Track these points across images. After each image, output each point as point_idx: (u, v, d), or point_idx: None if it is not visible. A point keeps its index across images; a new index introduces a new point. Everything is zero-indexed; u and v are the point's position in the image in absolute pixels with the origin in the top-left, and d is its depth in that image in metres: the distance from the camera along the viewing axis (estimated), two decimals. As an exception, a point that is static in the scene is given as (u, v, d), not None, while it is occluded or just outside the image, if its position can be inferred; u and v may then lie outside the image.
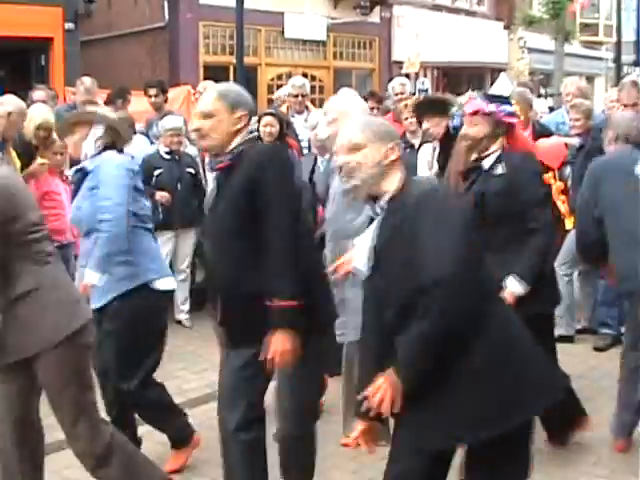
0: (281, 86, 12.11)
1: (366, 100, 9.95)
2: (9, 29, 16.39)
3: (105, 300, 5.39)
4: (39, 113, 7.62)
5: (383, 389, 3.43)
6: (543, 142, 8.28)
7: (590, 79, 31.39)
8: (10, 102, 7.22)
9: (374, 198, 3.72)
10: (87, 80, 9.43)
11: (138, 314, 5.40)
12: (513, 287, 5.13)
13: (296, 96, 10.39)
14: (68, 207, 7.66)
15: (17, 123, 7.15)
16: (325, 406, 6.31)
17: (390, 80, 13.22)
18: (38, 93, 9.44)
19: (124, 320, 5.39)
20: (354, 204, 5.02)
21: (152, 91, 10.50)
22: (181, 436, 5.87)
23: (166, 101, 10.83)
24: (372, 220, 3.77)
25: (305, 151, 9.37)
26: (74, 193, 5.58)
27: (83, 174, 5.45)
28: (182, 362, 5.83)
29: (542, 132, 8.88)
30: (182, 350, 5.66)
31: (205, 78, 20.52)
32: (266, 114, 8.51)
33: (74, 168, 5.66)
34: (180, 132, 8.81)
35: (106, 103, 9.49)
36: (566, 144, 8.76)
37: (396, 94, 11.01)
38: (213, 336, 4.58)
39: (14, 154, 7.29)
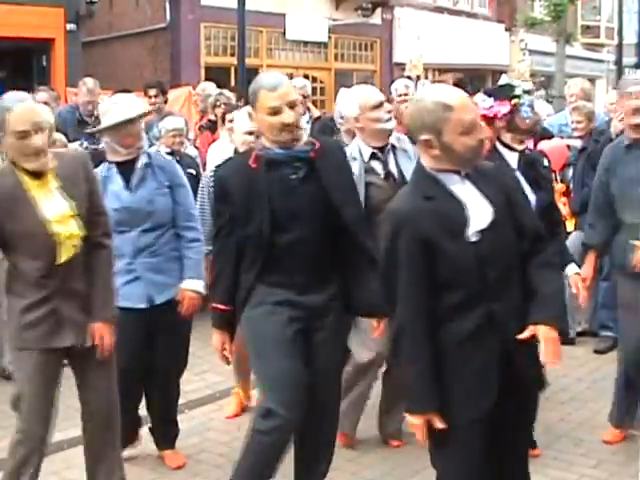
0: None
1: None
2: (11, 30, 16.41)
3: (169, 295, 5.47)
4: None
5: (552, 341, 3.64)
6: (545, 144, 8.27)
7: (591, 81, 31.20)
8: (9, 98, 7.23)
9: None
10: (89, 81, 9.45)
11: None
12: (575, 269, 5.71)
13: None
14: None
15: None
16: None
17: (393, 81, 13.18)
18: (40, 95, 9.43)
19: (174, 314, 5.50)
20: None
21: (152, 92, 10.50)
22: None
23: (166, 102, 10.83)
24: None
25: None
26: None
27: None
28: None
29: (544, 134, 8.88)
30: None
31: (206, 79, 20.51)
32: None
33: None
34: (182, 132, 8.79)
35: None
36: (568, 146, 8.77)
37: (399, 95, 10.98)
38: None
39: None
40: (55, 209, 4.35)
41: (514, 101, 5.43)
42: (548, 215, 5.25)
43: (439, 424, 3.56)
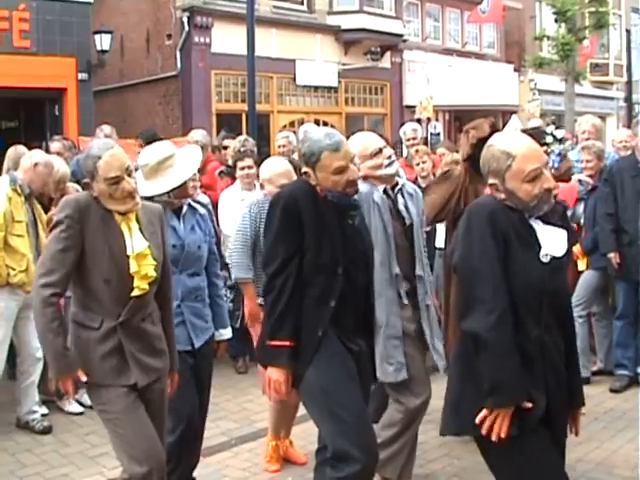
0: (295, 133, 12.09)
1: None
2: (23, 80, 16.57)
3: (204, 339, 5.50)
4: (58, 167, 7.69)
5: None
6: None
7: (602, 119, 31.42)
8: (37, 154, 7.33)
9: None
10: (106, 128, 9.50)
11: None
12: None
13: (307, 143, 10.38)
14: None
15: (43, 175, 7.19)
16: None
17: (402, 125, 13.25)
18: (55, 145, 9.50)
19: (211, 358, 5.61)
20: None
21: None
22: None
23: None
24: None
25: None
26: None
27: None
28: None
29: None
30: (197, 398, 5.70)
31: (218, 125, 20.72)
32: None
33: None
34: (196, 178, 8.80)
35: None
36: (580, 180, 8.74)
37: (408, 139, 11.04)
38: (227, 385, 4.58)
39: (39, 206, 7.35)
40: (137, 245, 4.42)
41: (543, 148, 5.42)
42: None
43: (529, 404, 3.64)
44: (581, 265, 8.52)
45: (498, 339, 3.60)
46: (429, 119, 23.92)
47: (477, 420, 3.65)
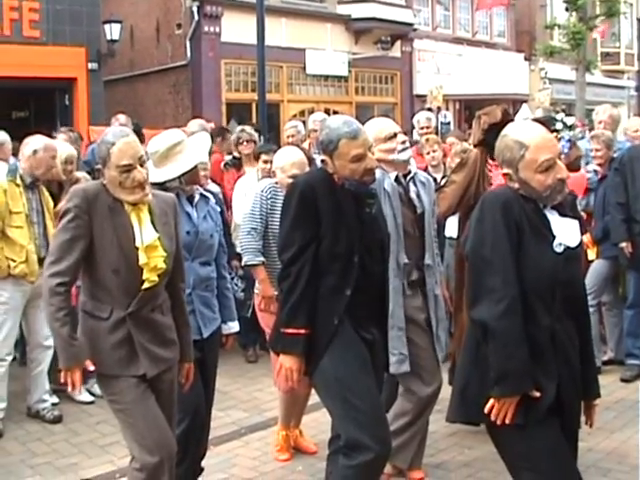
0: (304, 122, 12.09)
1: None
2: (33, 70, 16.60)
3: (212, 329, 5.49)
4: (63, 148, 7.67)
5: None
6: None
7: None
8: (35, 140, 7.23)
9: None
10: (122, 117, 9.47)
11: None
12: None
13: (317, 131, 10.36)
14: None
15: (45, 160, 7.12)
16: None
17: (415, 114, 13.20)
18: (60, 137, 9.43)
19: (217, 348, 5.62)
20: None
21: None
22: None
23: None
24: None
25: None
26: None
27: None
28: (207, 399, 5.91)
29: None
30: (207, 388, 5.70)
31: (227, 115, 20.72)
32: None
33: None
34: (207, 167, 8.80)
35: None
36: (595, 170, 8.70)
37: (421, 128, 10.98)
38: (237, 374, 4.56)
39: (47, 193, 7.33)
40: (146, 237, 4.40)
41: (553, 134, 5.42)
42: None
43: (536, 393, 3.65)
44: (591, 254, 8.49)
45: (506, 328, 3.60)
46: (439, 108, 23.86)
47: (485, 409, 3.65)
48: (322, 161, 4.54)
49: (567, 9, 26.23)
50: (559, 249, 3.76)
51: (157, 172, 5.18)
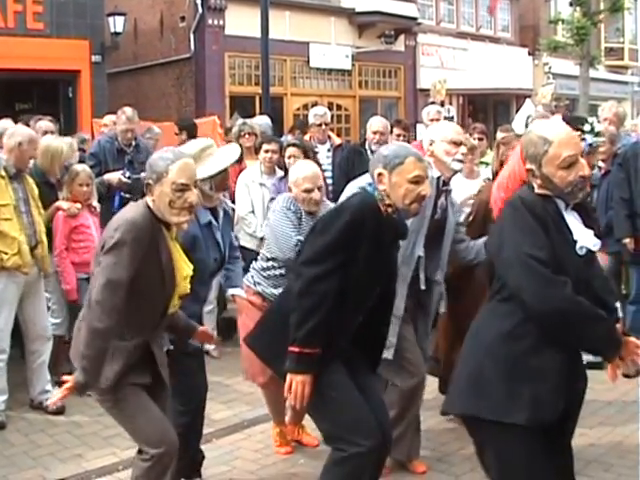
0: (306, 116, 12.11)
1: (392, 128, 9.94)
2: (37, 62, 16.60)
3: None
4: (63, 148, 7.68)
5: None
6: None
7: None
8: (19, 132, 7.20)
9: None
10: (128, 110, 9.43)
11: None
12: None
13: (319, 125, 10.35)
14: (97, 239, 7.70)
15: (29, 152, 7.12)
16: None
17: (424, 107, 13.21)
18: (40, 124, 9.35)
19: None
20: None
21: (183, 135, 10.70)
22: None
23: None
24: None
25: (329, 180, 9.37)
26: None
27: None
28: (210, 392, 5.84)
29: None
30: (210, 381, 5.65)
31: (231, 108, 20.71)
32: (289, 145, 8.52)
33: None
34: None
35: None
36: (599, 166, 8.69)
37: (431, 120, 10.95)
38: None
39: (31, 181, 7.28)
40: (187, 266, 4.50)
41: (576, 133, 5.44)
42: None
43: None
44: (594, 250, 8.48)
45: (582, 306, 3.69)
46: (443, 103, 23.83)
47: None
48: (379, 174, 4.47)
49: (571, 4, 26.16)
50: (581, 252, 3.82)
51: None
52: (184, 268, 4.48)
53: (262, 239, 7.65)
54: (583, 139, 5.81)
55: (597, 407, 7.12)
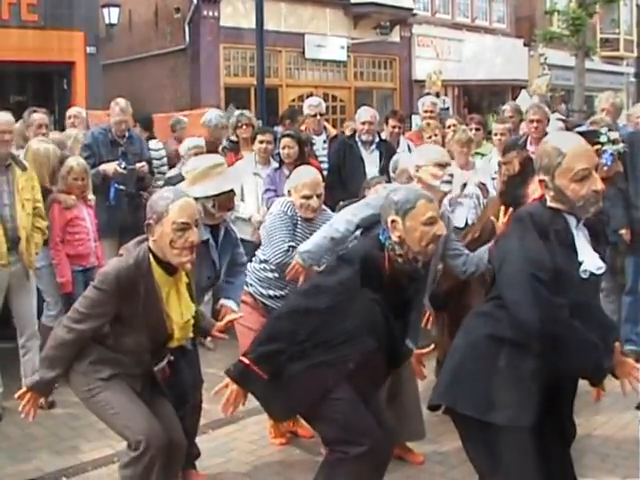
0: (301, 107, 12.11)
1: (388, 119, 9.96)
2: (32, 54, 16.57)
3: None
4: (37, 152, 7.56)
5: None
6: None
7: (612, 95, 31.25)
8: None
9: None
10: (122, 101, 9.39)
11: None
12: None
13: (314, 116, 10.34)
14: (92, 232, 7.68)
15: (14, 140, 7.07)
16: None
17: (419, 98, 13.20)
18: (36, 115, 9.29)
19: None
20: None
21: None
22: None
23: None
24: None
25: (325, 172, 9.36)
26: None
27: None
28: (205, 384, 5.86)
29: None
30: (205, 372, 5.66)
31: (226, 100, 20.67)
32: (284, 136, 8.53)
33: None
34: (202, 150, 8.86)
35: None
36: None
37: (425, 111, 10.96)
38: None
39: (18, 173, 7.06)
40: (185, 314, 4.53)
41: (596, 147, 5.45)
42: None
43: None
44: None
45: (575, 332, 3.69)
46: (438, 94, 23.82)
47: None
48: (392, 222, 4.47)
49: (567, -5, 26.20)
50: (584, 275, 3.81)
51: (194, 188, 5.20)
52: (184, 313, 4.49)
53: (257, 229, 7.73)
54: (604, 151, 5.88)
55: (592, 398, 7.12)
